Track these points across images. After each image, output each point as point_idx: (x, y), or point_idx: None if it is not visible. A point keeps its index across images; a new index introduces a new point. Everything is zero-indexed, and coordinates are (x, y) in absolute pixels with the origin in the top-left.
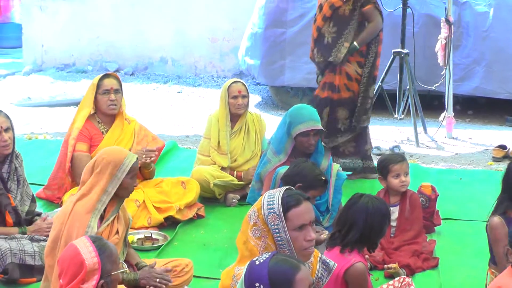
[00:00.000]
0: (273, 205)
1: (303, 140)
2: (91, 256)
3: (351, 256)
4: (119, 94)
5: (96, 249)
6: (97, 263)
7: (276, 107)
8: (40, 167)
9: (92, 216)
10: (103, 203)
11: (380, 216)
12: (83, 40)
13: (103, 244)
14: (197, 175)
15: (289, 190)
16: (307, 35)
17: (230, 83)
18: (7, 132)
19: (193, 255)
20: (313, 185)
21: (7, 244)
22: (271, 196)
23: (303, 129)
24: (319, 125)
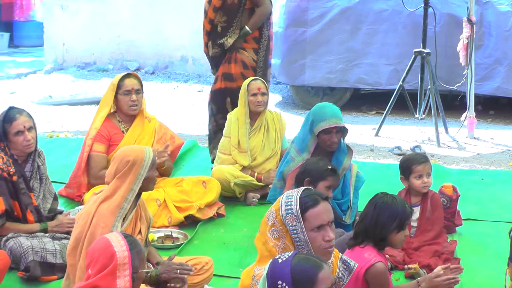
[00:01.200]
0: (291, 206)
1: (325, 138)
2: (122, 250)
3: (371, 256)
4: (140, 94)
5: (127, 244)
6: (127, 257)
7: (297, 106)
8: (61, 165)
9: (117, 216)
10: (129, 201)
11: (388, 213)
12: (103, 39)
13: (134, 241)
14: (218, 174)
15: (307, 190)
16: (328, 34)
17: (250, 80)
18: (30, 131)
19: (213, 253)
20: (321, 176)
21: (28, 242)
22: (289, 196)
23: (325, 126)
24: (341, 122)
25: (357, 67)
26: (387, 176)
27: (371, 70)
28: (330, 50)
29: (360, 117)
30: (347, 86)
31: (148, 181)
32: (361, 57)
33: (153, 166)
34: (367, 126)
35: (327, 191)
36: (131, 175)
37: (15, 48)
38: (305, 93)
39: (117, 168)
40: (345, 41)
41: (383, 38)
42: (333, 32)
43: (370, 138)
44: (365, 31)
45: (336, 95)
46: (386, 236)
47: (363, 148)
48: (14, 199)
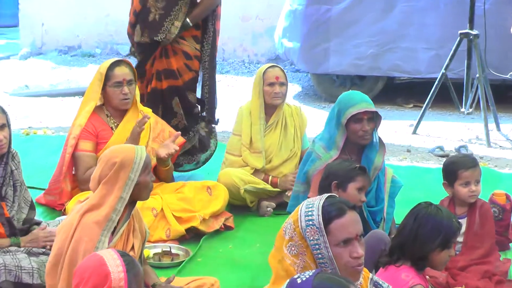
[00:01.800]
0: (312, 216)
1: (356, 127)
2: (117, 271)
3: (409, 277)
4: (133, 86)
5: (124, 264)
6: (123, 280)
7: (319, 98)
8: (40, 167)
9: (104, 229)
10: (118, 212)
11: (431, 227)
12: (89, 19)
13: (132, 261)
14: (225, 178)
15: (331, 198)
16: (356, 12)
17: (266, 67)
18: (2, 129)
19: (219, 273)
20: (350, 177)
21: (0, 259)
22: (309, 205)
23: (354, 111)
24: (372, 107)
25: (391, 52)
26: (426, 181)
27: (408, 56)
28: (359, 32)
29: (395, 111)
30: (379, 74)
31: (140, 187)
32: (396, 40)
33: (147, 170)
34: (403, 122)
35: (359, 194)
36: (120, 180)
37: None
38: (329, 83)
39: (102, 171)
40: (377, 21)
41: (422, 17)
42: (363, 11)
43: (407, 137)
44: (401, 9)
45: (366, 85)
46: (427, 255)
47: (398, 149)
48: None
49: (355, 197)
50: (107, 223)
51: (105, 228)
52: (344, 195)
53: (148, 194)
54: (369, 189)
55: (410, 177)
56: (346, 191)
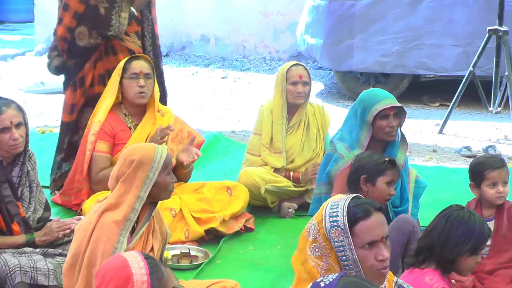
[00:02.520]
0: (337, 217)
1: (382, 124)
2: (141, 273)
3: (433, 280)
4: (150, 80)
5: (147, 267)
6: (146, 283)
7: (342, 96)
8: None
9: (122, 229)
10: (136, 211)
11: (462, 231)
12: None
13: (156, 264)
14: (245, 178)
15: (357, 199)
16: (382, 8)
17: (290, 66)
18: (18, 128)
19: (239, 276)
20: (379, 171)
21: (15, 260)
22: (334, 206)
23: (380, 108)
24: (397, 102)
25: (417, 49)
26: (453, 182)
27: (435, 53)
28: (384, 28)
29: (421, 110)
30: (404, 72)
31: (159, 188)
32: (422, 36)
33: (166, 170)
34: (429, 121)
35: (388, 188)
36: (137, 179)
37: (0, 24)
38: (352, 81)
39: (120, 169)
40: (403, 16)
41: (450, 13)
42: (388, 6)
43: (433, 136)
44: (428, 4)
45: (391, 83)
46: (455, 259)
47: (424, 149)
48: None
49: (384, 191)
50: (125, 223)
51: (123, 228)
52: (373, 189)
53: (168, 195)
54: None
55: (436, 178)
56: (375, 185)
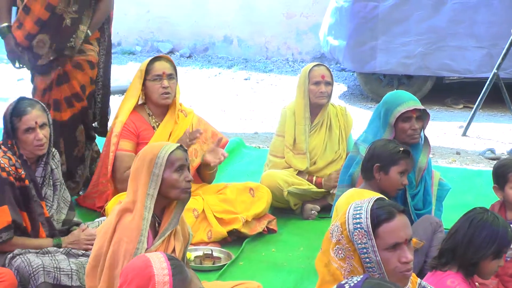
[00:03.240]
0: (360, 219)
1: (404, 126)
2: (163, 274)
3: (454, 283)
4: (173, 80)
5: (170, 268)
6: (168, 284)
7: (365, 98)
8: None
9: (142, 229)
10: (149, 209)
11: (486, 234)
12: (130, 15)
13: (179, 265)
14: (268, 180)
15: (380, 201)
16: (405, 9)
17: (312, 66)
18: (43, 128)
19: (262, 277)
20: (393, 160)
21: (39, 260)
22: (357, 207)
23: (403, 110)
24: (421, 105)
25: (441, 50)
26: (476, 185)
27: (458, 55)
28: (408, 30)
29: (444, 112)
30: (428, 73)
31: (167, 185)
32: (445, 38)
33: (173, 167)
34: (453, 123)
35: (401, 178)
36: (144, 176)
37: None
38: (375, 83)
39: (132, 168)
40: (426, 18)
41: (474, 14)
42: (412, 7)
43: (456, 138)
44: (451, 6)
45: (414, 84)
46: (478, 262)
47: (447, 151)
48: (22, 209)
49: (396, 181)
50: (143, 223)
51: (143, 228)
52: (385, 178)
53: (179, 193)
54: (416, 192)
55: (460, 180)
56: (388, 174)
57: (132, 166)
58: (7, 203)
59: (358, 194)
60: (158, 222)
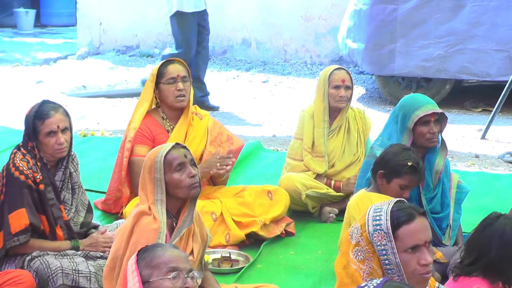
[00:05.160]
0: (380, 221)
1: (423, 130)
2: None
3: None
4: (187, 83)
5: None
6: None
7: (384, 101)
8: (97, 169)
9: (160, 232)
10: (162, 213)
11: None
12: (148, 18)
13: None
14: (286, 183)
15: (400, 203)
16: (424, 12)
17: (332, 69)
18: (64, 133)
19: (280, 280)
20: (397, 172)
21: (57, 262)
22: (377, 209)
23: (421, 114)
24: (439, 109)
25: (460, 53)
26: (495, 188)
27: (477, 58)
28: (427, 33)
29: (463, 115)
30: (446, 76)
31: (171, 186)
32: (465, 41)
33: (172, 167)
34: (471, 126)
35: (401, 191)
36: (149, 183)
37: (43, 27)
38: (394, 85)
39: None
40: (445, 21)
41: (493, 17)
42: (431, 10)
43: (475, 142)
44: (471, 8)
45: (432, 88)
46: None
47: (466, 154)
48: (40, 211)
49: (396, 193)
50: (160, 225)
51: (160, 231)
52: (386, 186)
53: (187, 191)
54: (434, 195)
55: (479, 183)
56: (390, 184)
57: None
58: (25, 206)
59: (366, 196)
60: (175, 223)
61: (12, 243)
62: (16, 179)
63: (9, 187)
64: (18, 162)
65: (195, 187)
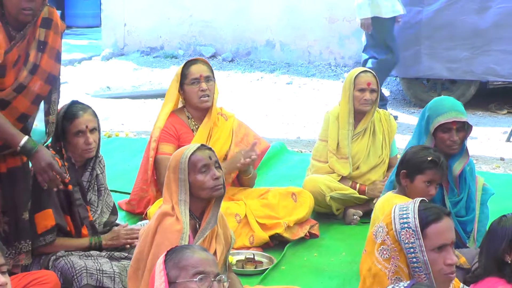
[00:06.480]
0: (408, 219)
1: (443, 136)
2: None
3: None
4: (211, 82)
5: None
6: None
7: (408, 103)
8: (121, 170)
9: (183, 232)
10: (185, 214)
11: None
12: (173, 19)
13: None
14: (311, 185)
15: (425, 203)
16: (449, 14)
17: (358, 72)
18: (92, 133)
19: (304, 282)
20: (419, 169)
21: (82, 262)
22: (403, 208)
23: (442, 121)
24: (463, 117)
25: (486, 55)
26: None
27: (503, 59)
28: (452, 34)
29: (488, 117)
30: (472, 78)
31: (195, 187)
32: (490, 42)
33: (196, 168)
34: (496, 129)
35: (427, 187)
36: (173, 184)
37: (67, 29)
38: (419, 88)
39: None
40: (471, 22)
41: None
42: (456, 12)
43: (500, 144)
44: (496, 10)
45: (457, 89)
46: None
47: (491, 157)
48: (66, 212)
49: (422, 190)
50: (183, 226)
51: (183, 232)
52: (411, 186)
53: (209, 192)
54: (459, 199)
55: (504, 186)
56: (413, 182)
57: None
58: (51, 206)
59: (391, 198)
60: (199, 224)
61: (38, 243)
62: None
63: (36, 187)
64: None
65: (219, 189)
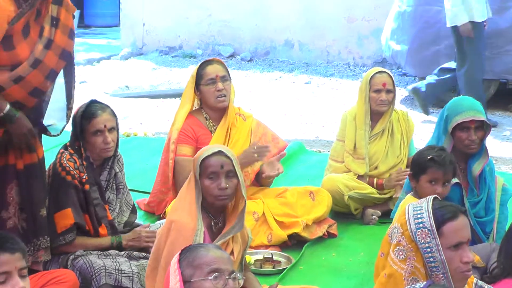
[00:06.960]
0: (423, 219)
1: (461, 136)
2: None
3: None
4: (227, 82)
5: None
6: None
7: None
8: (140, 170)
9: (197, 229)
10: (199, 212)
11: None
12: (191, 19)
13: None
14: (329, 184)
15: (438, 201)
16: None
17: (374, 73)
18: (111, 132)
19: (322, 282)
20: (421, 169)
21: (100, 261)
22: (417, 208)
23: (460, 120)
24: (481, 116)
25: (505, 54)
26: None
27: None
28: None
29: (507, 117)
30: (491, 77)
31: (203, 191)
32: (510, 42)
33: (206, 173)
34: None
35: (432, 186)
36: (192, 178)
37: (86, 28)
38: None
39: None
40: (491, 22)
41: None
42: None
43: None
44: None
45: None
46: None
47: (510, 158)
48: (85, 211)
49: (428, 190)
50: (197, 223)
51: (198, 229)
52: (418, 186)
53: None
54: (478, 199)
55: None
56: (419, 183)
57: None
58: (70, 206)
59: (407, 199)
60: (214, 222)
61: (58, 242)
62: (62, 179)
63: (55, 187)
64: (65, 162)
65: (222, 199)
